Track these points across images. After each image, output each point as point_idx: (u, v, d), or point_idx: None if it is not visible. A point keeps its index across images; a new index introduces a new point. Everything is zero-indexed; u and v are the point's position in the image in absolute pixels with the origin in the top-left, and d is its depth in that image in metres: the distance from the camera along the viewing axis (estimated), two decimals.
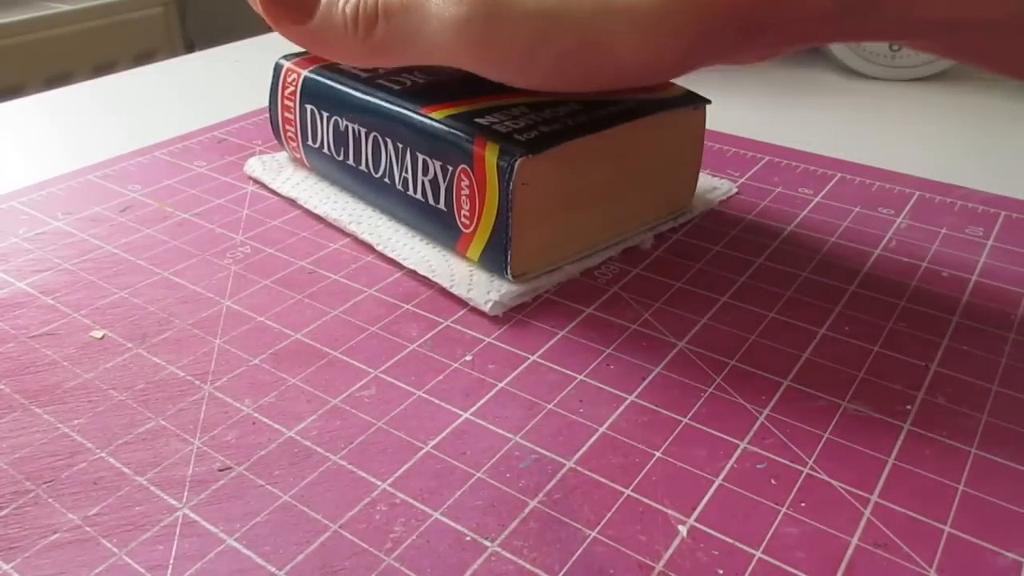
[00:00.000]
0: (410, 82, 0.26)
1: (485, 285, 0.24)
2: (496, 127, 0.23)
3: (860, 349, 0.22)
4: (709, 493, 0.17)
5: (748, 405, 0.20)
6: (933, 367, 0.21)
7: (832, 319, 0.23)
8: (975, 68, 0.20)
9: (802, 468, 0.18)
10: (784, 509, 0.17)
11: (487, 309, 0.23)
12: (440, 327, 0.23)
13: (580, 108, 0.24)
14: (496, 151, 0.22)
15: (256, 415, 0.20)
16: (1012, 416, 0.19)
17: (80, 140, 0.36)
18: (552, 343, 0.22)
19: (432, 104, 0.24)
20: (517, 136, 0.23)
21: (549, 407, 0.20)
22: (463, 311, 0.23)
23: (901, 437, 0.19)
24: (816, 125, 0.37)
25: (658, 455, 0.18)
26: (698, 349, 0.22)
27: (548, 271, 0.24)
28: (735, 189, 0.30)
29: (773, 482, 0.18)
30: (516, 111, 0.24)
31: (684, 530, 0.17)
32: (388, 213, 0.27)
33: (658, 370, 0.21)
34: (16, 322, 0.23)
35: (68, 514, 0.17)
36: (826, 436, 0.19)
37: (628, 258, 0.26)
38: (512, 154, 0.22)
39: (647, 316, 0.23)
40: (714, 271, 0.25)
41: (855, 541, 0.16)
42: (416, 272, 0.25)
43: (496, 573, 0.16)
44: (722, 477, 0.18)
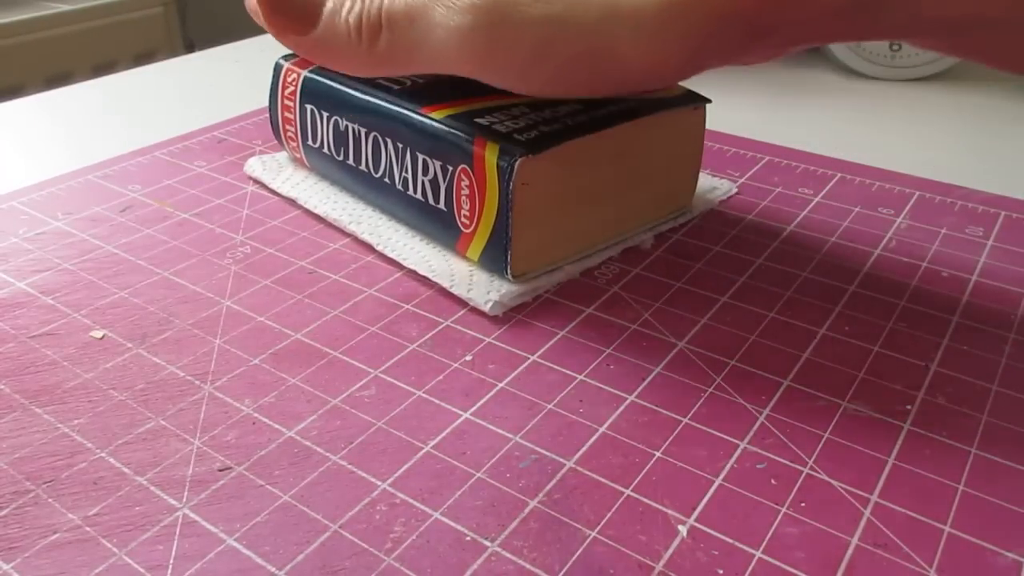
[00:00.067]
0: (410, 82, 0.26)
1: (485, 285, 0.24)
2: (496, 127, 0.23)
3: (860, 349, 0.22)
4: (709, 493, 0.17)
5: (748, 405, 0.20)
6: (933, 367, 0.21)
7: (832, 319, 0.23)
8: (978, 64, 0.20)
9: (802, 468, 0.18)
10: (784, 509, 0.17)
11: (487, 309, 0.23)
12: (440, 327, 0.23)
13: (580, 108, 0.24)
14: (496, 151, 0.22)
15: (256, 415, 0.20)
16: (1012, 416, 0.19)
17: (80, 140, 0.36)
18: (552, 343, 0.22)
19: (432, 104, 0.24)
20: (517, 136, 0.23)
21: (549, 407, 0.20)
22: (463, 311, 0.23)
23: (901, 437, 0.19)
24: (816, 125, 0.37)
25: (658, 455, 0.18)
26: (698, 349, 0.22)
27: (548, 271, 0.24)
28: (735, 189, 0.30)
29: (773, 482, 0.18)
30: (516, 111, 0.24)
31: (684, 530, 0.17)
32: (388, 213, 0.27)
33: (658, 370, 0.21)
34: (16, 322, 0.23)
35: (68, 514, 0.17)
36: (826, 436, 0.19)
37: (628, 258, 0.26)
38: (512, 154, 0.22)
39: (647, 316, 0.23)
40: (714, 271, 0.25)
41: (855, 541, 0.16)
42: (416, 272, 0.25)
43: (496, 573, 0.16)
44: (722, 477, 0.18)
